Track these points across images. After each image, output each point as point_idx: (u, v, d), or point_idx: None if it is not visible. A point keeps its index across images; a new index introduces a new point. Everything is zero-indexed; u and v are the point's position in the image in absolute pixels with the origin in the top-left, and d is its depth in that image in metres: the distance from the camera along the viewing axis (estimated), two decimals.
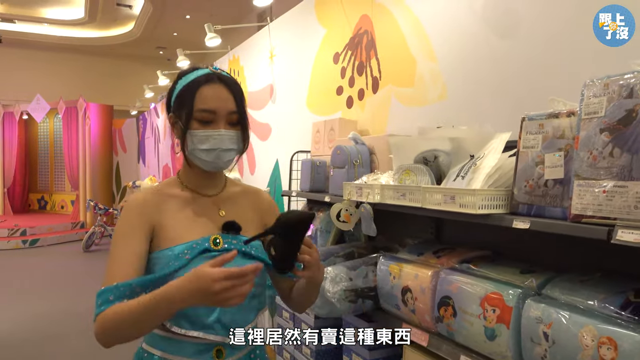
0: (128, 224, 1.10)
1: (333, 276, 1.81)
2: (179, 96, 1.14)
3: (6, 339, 4.21)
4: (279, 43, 3.68)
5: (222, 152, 1.12)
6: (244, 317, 1.14)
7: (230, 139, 1.13)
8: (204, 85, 1.11)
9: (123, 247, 1.08)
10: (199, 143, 1.11)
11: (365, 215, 1.82)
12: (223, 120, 1.12)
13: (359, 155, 2.15)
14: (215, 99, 1.10)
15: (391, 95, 2.38)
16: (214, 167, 1.16)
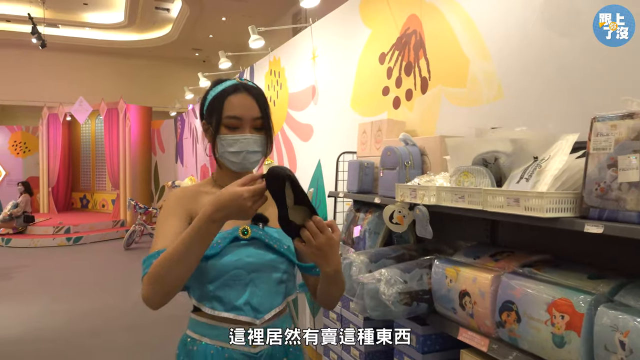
0: (170, 208, 1.22)
1: (388, 278, 1.80)
2: (210, 105, 1.27)
3: (57, 332, 4.38)
4: (321, 44, 3.68)
5: (248, 154, 1.24)
6: (271, 301, 1.24)
7: (256, 142, 1.24)
8: (231, 94, 1.24)
9: (166, 226, 1.18)
10: (227, 146, 1.23)
11: (420, 217, 1.80)
12: (248, 126, 1.23)
13: (410, 156, 2.14)
14: (241, 107, 1.23)
15: (441, 96, 2.35)
16: (241, 168, 1.26)
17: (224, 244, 1.20)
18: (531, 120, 1.86)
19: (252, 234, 1.24)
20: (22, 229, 9.46)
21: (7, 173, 12.25)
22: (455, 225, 2.16)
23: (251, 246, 1.24)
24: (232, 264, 1.20)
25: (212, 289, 1.21)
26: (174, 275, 1.07)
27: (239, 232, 1.22)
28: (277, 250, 1.26)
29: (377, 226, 2.37)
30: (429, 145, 2.15)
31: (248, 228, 1.23)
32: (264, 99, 1.29)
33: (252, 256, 1.23)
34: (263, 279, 1.24)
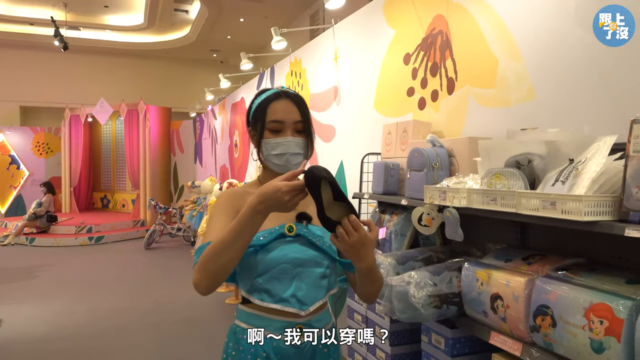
0: (221, 205, 1.33)
1: (417, 281, 1.79)
2: (254, 113, 1.37)
3: (80, 331, 4.45)
4: (343, 45, 3.68)
5: (290, 156, 1.33)
6: (315, 294, 1.31)
7: (297, 145, 1.33)
8: (273, 101, 1.34)
9: (216, 222, 1.28)
10: (271, 149, 1.33)
11: (450, 220, 1.79)
12: (290, 129, 1.33)
13: (438, 158, 2.12)
14: (283, 112, 1.33)
15: (469, 96, 2.33)
16: (285, 170, 1.31)
17: (270, 238, 1.28)
18: (564, 121, 1.83)
19: (297, 231, 1.31)
20: (46, 228, 9.64)
21: (30, 173, 12.49)
22: (483, 227, 2.14)
23: (296, 242, 1.31)
24: (279, 258, 1.28)
25: (261, 281, 1.29)
26: (221, 262, 1.15)
27: (284, 229, 1.30)
28: (319, 247, 1.32)
29: (403, 228, 2.36)
30: (457, 147, 2.13)
31: (293, 225, 1.31)
32: (304, 105, 1.38)
33: (297, 252, 1.30)
34: (307, 274, 1.31)
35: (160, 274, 6.78)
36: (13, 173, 12.39)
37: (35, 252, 8.63)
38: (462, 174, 1.97)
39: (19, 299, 5.52)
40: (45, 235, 9.50)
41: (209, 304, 5.23)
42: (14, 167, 12.40)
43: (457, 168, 2.13)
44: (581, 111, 1.78)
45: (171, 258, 7.93)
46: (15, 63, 13.53)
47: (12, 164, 12.38)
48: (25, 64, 13.62)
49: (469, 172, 1.99)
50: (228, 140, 7.76)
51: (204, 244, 1.22)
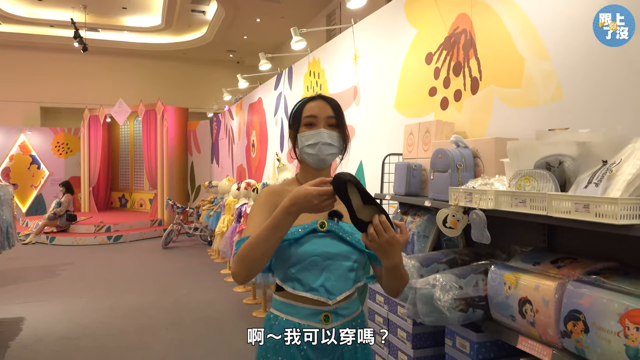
0: (260, 202, 1.44)
1: (443, 284, 1.77)
2: (293, 114, 1.50)
3: (101, 329, 4.50)
4: (363, 44, 3.66)
5: (323, 146, 1.41)
6: (342, 285, 1.40)
7: (330, 136, 1.42)
8: (310, 102, 1.47)
9: (256, 217, 1.39)
10: (305, 141, 1.44)
11: (477, 222, 1.76)
12: (323, 123, 1.43)
13: (463, 159, 2.09)
14: (316, 108, 1.44)
15: (494, 96, 2.29)
16: (317, 161, 1.44)
17: (304, 233, 1.38)
18: (594, 121, 1.79)
19: (328, 227, 1.40)
20: (65, 228, 9.78)
21: (50, 173, 12.70)
22: (508, 229, 2.10)
23: (327, 237, 1.40)
24: (310, 251, 1.38)
25: (294, 271, 1.39)
26: (256, 255, 1.25)
27: (317, 225, 1.40)
28: (349, 242, 1.41)
29: (426, 229, 2.33)
30: (482, 148, 2.10)
31: (325, 222, 1.40)
32: (338, 105, 1.49)
33: (327, 246, 1.39)
34: (336, 266, 1.40)
35: (178, 273, 6.83)
36: (34, 173, 12.61)
37: (55, 250, 8.76)
38: (488, 176, 1.94)
39: (41, 297, 5.61)
40: (65, 234, 9.64)
41: (227, 304, 5.26)
42: (34, 167, 12.61)
43: (482, 169, 2.10)
44: (612, 111, 1.73)
45: (188, 257, 7.99)
46: (36, 65, 13.77)
47: (32, 163, 12.60)
48: (45, 66, 13.85)
49: (494, 174, 1.96)
50: (245, 140, 7.79)
51: (243, 238, 1.31)
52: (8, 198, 4.49)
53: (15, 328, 4.53)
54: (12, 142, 12.42)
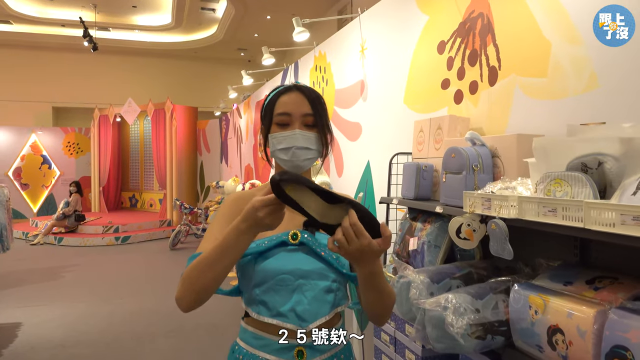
0: (223, 212, 1.23)
1: (456, 306, 1.50)
2: (265, 108, 1.27)
3: (98, 336, 4.31)
4: (370, 35, 3.39)
5: (297, 150, 1.19)
6: (316, 309, 1.16)
7: (305, 139, 1.20)
8: (282, 94, 1.24)
9: (214, 229, 1.18)
10: (277, 144, 1.21)
11: (496, 233, 1.49)
12: (298, 122, 1.20)
13: (479, 158, 1.82)
14: (291, 104, 1.21)
15: (515, 87, 2.02)
16: (292, 166, 1.21)
17: (270, 245, 1.17)
18: (636, 114, 1.50)
19: (301, 239, 1.19)
20: (74, 228, 9.68)
21: (61, 173, 12.65)
22: (532, 239, 1.83)
23: (300, 251, 1.20)
24: (278, 268, 1.16)
25: (258, 292, 1.17)
26: (204, 280, 1.06)
27: (288, 236, 1.19)
28: (325, 258, 1.20)
29: (437, 238, 2.06)
30: (502, 146, 1.83)
31: (298, 233, 1.20)
32: (318, 99, 1.26)
33: (299, 262, 1.18)
34: (310, 286, 1.17)
35: None
36: (45, 173, 12.58)
37: (62, 251, 8.65)
38: (509, 178, 1.67)
39: (41, 301, 5.45)
40: (73, 234, 9.54)
41: (231, 310, 5.03)
42: (45, 167, 12.58)
43: (501, 171, 1.83)
44: None
45: None
46: (48, 65, 13.77)
47: (43, 163, 12.57)
48: (57, 66, 13.84)
49: (516, 176, 1.69)
50: (252, 139, 7.57)
51: (195, 254, 1.11)
52: (3, 200, 4.33)
53: (10, 334, 4.37)
54: (23, 142, 12.40)
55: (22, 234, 9.96)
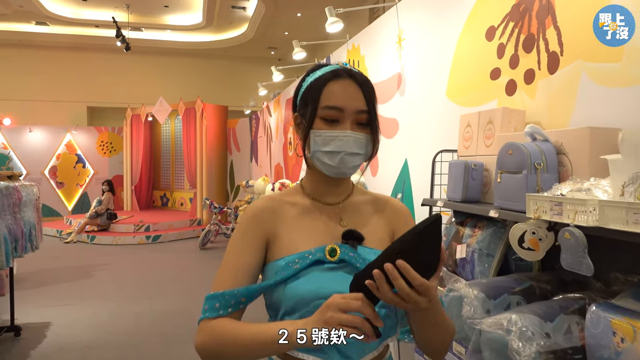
0: (242, 232, 1.06)
1: (522, 329, 1.27)
2: (305, 94, 1.06)
3: (126, 338, 4.22)
4: (409, 25, 3.17)
5: (347, 156, 1.01)
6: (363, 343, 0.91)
7: (358, 142, 1.01)
8: (331, 81, 1.02)
9: (235, 256, 1.04)
10: (322, 144, 1.01)
11: (571, 244, 1.26)
12: (350, 120, 1.01)
13: (542, 155, 1.58)
14: (343, 96, 1.00)
15: (580, 75, 1.77)
16: (336, 173, 1.04)
17: (304, 265, 0.98)
18: None
19: (341, 255, 0.99)
20: (106, 226, 9.76)
21: (95, 172, 12.84)
22: (602, 247, 1.57)
23: (340, 271, 0.99)
24: (314, 293, 0.96)
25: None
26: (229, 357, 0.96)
27: (325, 252, 0.99)
28: None
29: (490, 246, 1.83)
30: (570, 141, 1.58)
31: (336, 247, 1.00)
32: (372, 90, 1.05)
33: (340, 284, 0.95)
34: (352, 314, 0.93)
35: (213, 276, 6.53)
36: (79, 171, 12.79)
37: (94, 250, 8.71)
38: (580, 178, 1.43)
39: (71, 300, 5.43)
40: (105, 233, 9.62)
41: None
42: (80, 166, 12.79)
43: (568, 170, 1.59)
44: None
45: None
46: (82, 65, 14.00)
47: (78, 162, 12.77)
48: (92, 66, 14.06)
49: (588, 176, 1.45)
50: (282, 137, 7.42)
51: (216, 295, 0.99)
52: (32, 199, 4.29)
53: (39, 335, 4.33)
54: (59, 141, 12.64)
55: (56, 231, 10.11)
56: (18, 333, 4.21)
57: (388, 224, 1.12)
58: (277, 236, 1.05)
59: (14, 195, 3.91)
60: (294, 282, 0.98)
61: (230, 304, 0.99)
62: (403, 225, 1.12)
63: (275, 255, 1.04)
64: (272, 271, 1.03)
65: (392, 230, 1.13)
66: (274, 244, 1.05)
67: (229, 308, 0.99)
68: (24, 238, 4.04)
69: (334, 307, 0.84)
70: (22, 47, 13.41)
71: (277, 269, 1.01)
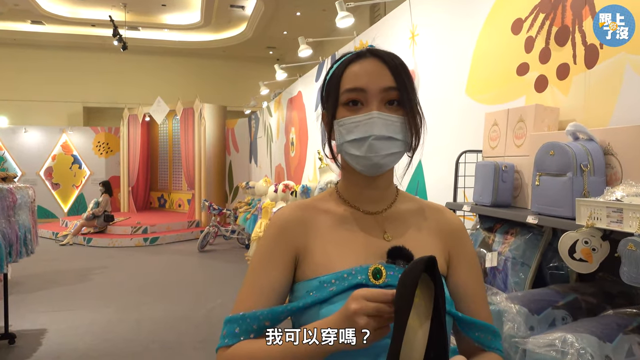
0: (267, 247, 0.93)
1: (580, 351, 1.13)
2: (326, 85, 0.94)
3: (125, 345, 4.07)
4: (423, 20, 3.03)
5: (376, 142, 0.86)
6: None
7: (388, 125, 0.86)
8: (353, 62, 0.90)
9: (259, 273, 0.91)
10: (346, 133, 0.88)
11: (636, 256, 1.12)
12: (376, 100, 0.87)
13: (589, 156, 1.44)
14: (364, 75, 0.88)
15: (624, 68, 1.63)
16: (369, 166, 0.89)
17: (339, 289, 0.84)
18: None
19: (387, 278, 0.84)
20: (103, 228, 9.59)
21: (91, 173, 12.65)
22: None
23: None
24: None
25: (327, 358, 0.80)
26: None
27: (368, 274, 0.85)
28: None
29: (525, 254, 1.69)
30: (619, 140, 1.45)
31: (382, 269, 0.85)
32: (401, 64, 0.90)
33: None
34: None
35: (213, 280, 6.39)
36: (75, 172, 12.60)
37: (91, 252, 8.54)
38: (634, 181, 1.29)
39: (67, 306, 5.27)
40: (102, 235, 9.44)
41: None
42: (76, 167, 12.60)
43: (617, 172, 1.45)
44: None
45: (225, 262, 7.54)
46: (79, 64, 13.84)
47: (74, 163, 12.58)
48: (88, 66, 13.90)
49: None
50: (284, 138, 7.27)
51: (235, 317, 0.87)
52: (27, 201, 4.12)
53: (34, 342, 4.16)
54: (54, 141, 12.44)
55: (51, 234, 9.92)
56: (12, 340, 4.05)
57: (441, 241, 0.97)
58: (309, 251, 0.91)
59: (8, 198, 3.76)
60: (329, 308, 0.83)
61: (251, 329, 0.86)
62: (458, 245, 0.97)
63: (307, 273, 0.90)
64: (302, 291, 0.90)
65: (447, 250, 0.97)
66: (305, 260, 0.91)
67: (251, 333, 0.86)
68: (18, 242, 3.88)
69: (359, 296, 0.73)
70: (17, 46, 13.23)
71: (309, 289, 0.88)
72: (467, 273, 0.96)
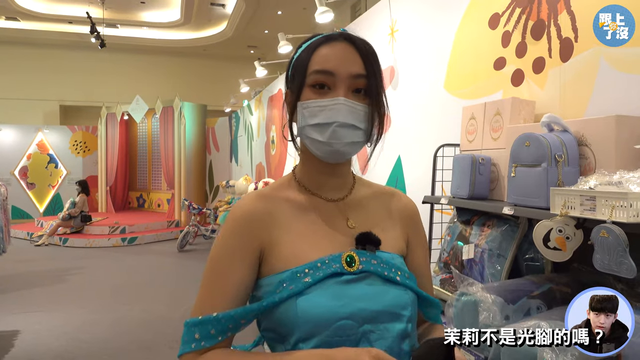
0: (229, 244, 0.86)
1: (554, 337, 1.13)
2: (293, 64, 0.91)
3: (101, 346, 3.99)
4: (402, 15, 3.04)
5: (340, 129, 0.83)
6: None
7: (354, 112, 0.84)
8: (322, 44, 0.87)
9: (220, 275, 0.85)
10: (310, 117, 0.85)
11: (609, 243, 1.13)
12: (344, 86, 0.84)
13: (563, 147, 1.46)
14: (334, 58, 0.85)
15: (599, 61, 1.65)
16: (330, 152, 0.86)
17: (314, 279, 0.80)
18: None
19: (362, 264, 0.84)
20: (80, 229, 9.40)
21: (68, 172, 12.39)
22: None
23: (361, 283, 0.83)
24: (335, 312, 0.79)
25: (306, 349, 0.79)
26: None
27: (342, 261, 0.83)
28: (400, 282, 0.86)
29: (502, 246, 1.70)
30: (592, 131, 1.46)
31: (355, 256, 0.84)
32: (372, 53, 0.88)
33: (364, 299, 0.82)
34: (380, 333, 0.82)
35: (192, 280, 6.31)
36: (51, 172, 12.32)
37: (67, 253, 8.36)
38: (607, 171, 1.31)
39: (42, 307, 5.14)
40: (78, 235, 9.25)
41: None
42: (52, 166, 12.32)
43: (591, 162, 1.47)
44: None
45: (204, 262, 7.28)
46: (55, 62, 13.56)
47: (50, 162, 12.31)
48: (65, 64, 13.63)
49: (614, 168, 1.33)
50: (264, 136, 7.23)
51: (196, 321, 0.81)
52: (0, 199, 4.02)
53: (7, 344, 4.05)
54: (29, 140, 12.15)
55: (26, 234, 9.69)
56: None
57: (400, 225, 0.98)
58: (275, 243, 0.87)
59: None
60: (308, 300, 0.79)
61: (227, 328, 0.81)
62: (414, 229, 0.99)
63: (277, 267, 0.85)
64: (271, 285, 0.84)
65: (406, 232, 0.98)
66: (272, 254, 0.86)
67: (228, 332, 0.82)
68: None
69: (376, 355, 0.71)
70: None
71: (280, 282, 0.83)
72: (422, 255, 1.00)
